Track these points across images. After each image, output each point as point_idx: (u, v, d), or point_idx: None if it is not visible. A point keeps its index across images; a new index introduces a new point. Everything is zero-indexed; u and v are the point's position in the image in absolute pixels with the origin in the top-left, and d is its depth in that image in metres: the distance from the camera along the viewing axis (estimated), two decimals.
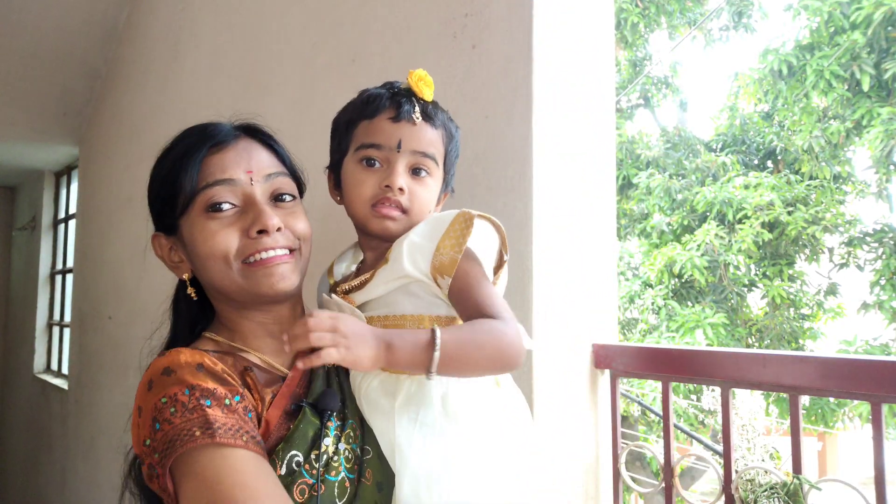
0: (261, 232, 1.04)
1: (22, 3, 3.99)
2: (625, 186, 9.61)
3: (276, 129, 1.20)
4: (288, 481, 0.94)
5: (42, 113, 4.88)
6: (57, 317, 6.05)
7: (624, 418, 8.21)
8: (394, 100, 1.11)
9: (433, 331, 0.95)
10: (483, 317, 1.01)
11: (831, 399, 7.45)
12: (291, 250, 1.09)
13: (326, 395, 1.04)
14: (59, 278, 6.09)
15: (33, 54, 4.34)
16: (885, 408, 1.18)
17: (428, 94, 1.12)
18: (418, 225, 1.08)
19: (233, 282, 1.06)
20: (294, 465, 0.96)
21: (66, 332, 5.63)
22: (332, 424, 1.02)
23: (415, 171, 1.11)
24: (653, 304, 8.31)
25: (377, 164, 1.10)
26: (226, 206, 1.05)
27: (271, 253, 1.05)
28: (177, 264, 1.13)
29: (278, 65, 2.41)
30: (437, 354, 0.93)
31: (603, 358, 1.54)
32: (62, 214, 6.13)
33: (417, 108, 1.10)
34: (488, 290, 1.04)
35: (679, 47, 10.94)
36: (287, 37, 2.38)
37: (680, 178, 9.23)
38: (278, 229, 1.06)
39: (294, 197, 1.13)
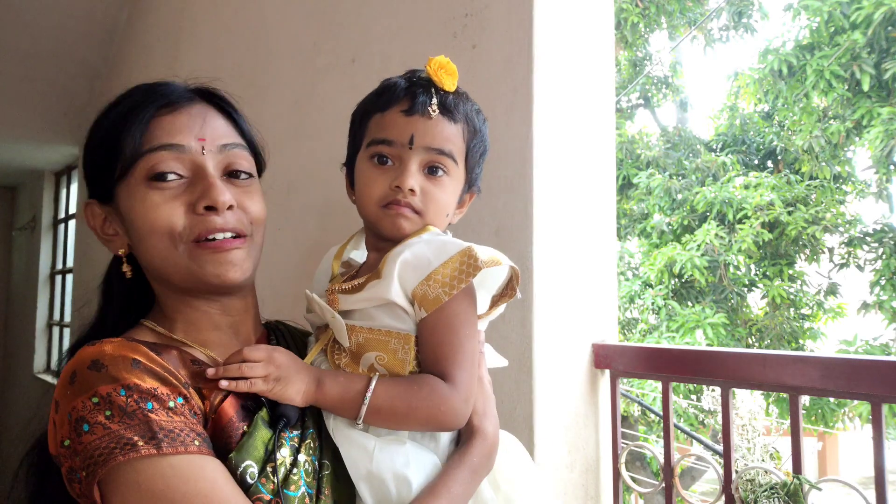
0: (209, 209, 0.91)
1: (22, 3, 3.99)
2: (625, 186, 9.61)
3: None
4: None
5: (42, 113, 4.89)
6: (57, 317, 6.06)
7: (624, 418, 8.21)
8: (409, 90, 1.01)
9: (369, 380, 0.93)
10: (435, 371, 0.94)
11: (831, 399, 7.45)
12: (243, 236, 0.96)
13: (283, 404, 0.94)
14: (59, 278, 6.09)
15: (33, 54, 4.34)
16: (885, 408, 1.18)
17: (449, 83, 1.02)
18: (420, 243, 0.98)
19: (177, 264, 0.92)
20: (248, 477, 0.85)
21: (66, 332, 5.63)
22: (288, 435, 0.91)
23: (430, 170, 1.01)
24: (653, 304, 8.31)
25: (389, 162, 1.01)
26: (171, 177, 0.92)
27: (220, 235, 0.92)
28: (110, 237, 0.99)
29: (278, 65, 2.41)
30: (364, 407, 0.92)
31: (603, 358, 1.54)
32: (62, 214, 6.14)
33: (435, 100, 1.00)
34: (459, 341, 0.95)
35: (679, 47, 10.94)
36: (287, 37, 2.38)
37: (680, 178, 9.23)
38: (229, 208, 0.93)
39: (251, 175, 0.99)
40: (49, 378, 5.70)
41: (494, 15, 1.54)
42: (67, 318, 5.63)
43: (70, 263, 5.58)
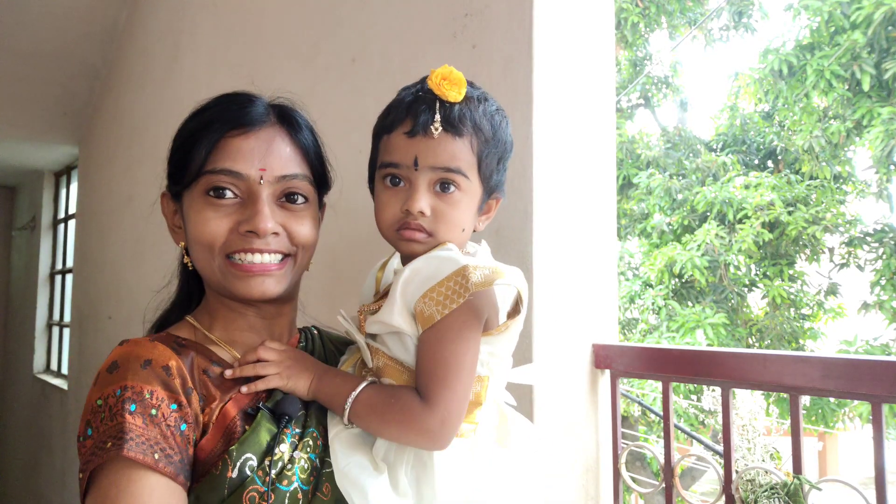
0: (250, 232, 0.99)
1: (22, 3, 3.99)
2: (625, 186, 9.61)
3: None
4: (238, 485, 0.89)
5: (42, 113, 4.89)
6: (57, 317, 6.06)
7: (624, 418, 8.21)
8: (411, 109, 0.99)
9: (357, 384, 0.98)
10: (419, 386, 0.95)
11: (832, 399, 7.45)
12: (286, 256, 1.03)
13: (285, 400, 0.99)
14: (59, 278, 6.09)
15: (33, 54, 4.34)
16: (885, 408, 1.18)
17: (454, 94, 0.98)
18: (421, 259, 0.99)
19: (212, 273, 1.02)
20: (248, 469, 0.90)
21: (66, 332, 5.63)
22: (290, 431, 0.97)
23: (442, 186, 1.00)
24: (653, 304, 8.31)
25: (401, 183, 1.01)
26: (228, 194, 1.00)
27: (258, 258, 1.00)
28: (175, 229, 1.09)
29: (278, 65, 2.41)
30: (347, 409, 0.97)
31: (603, 358, 1.54)
32: (62, 214, 6.14)
33: (438, 117, 0.97)
34: (445, 358, 0.93)
35: (679, 47, 10.94)
36: (287, 37, 2.38)
37: (680, 177, 9.23)
38: (274, 234, 1.01)
39: (307, 200, 1.06)
40: (49, 378, 5.70)
41: (494, 15, 1.54)
42: (67, 318, 5.63)
43: (70, 263, 5.58)
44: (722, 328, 7.71)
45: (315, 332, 1.22)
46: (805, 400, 6.74)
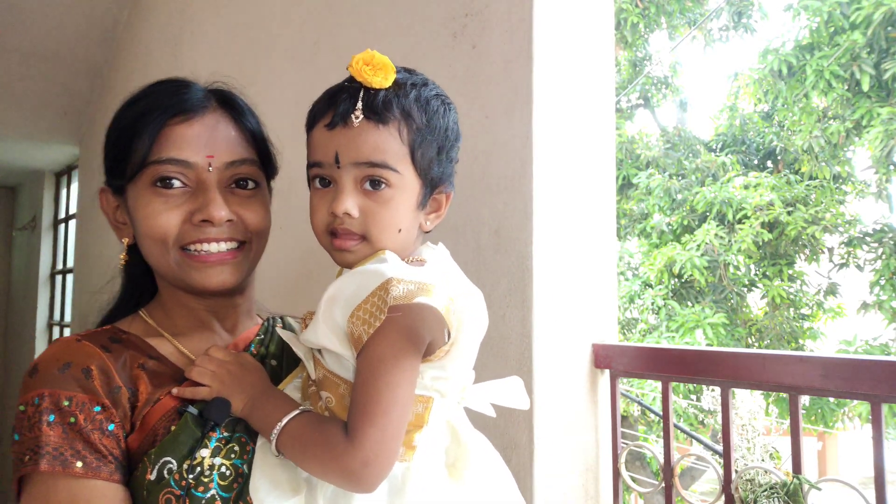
0: (204, 221, 0.95)
1: (22, 2, 3.99)
2: (625, 186, 9.61)
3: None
4: (156, 488, 0.87)
5: (42, 112, 4.88)
6: (57, 317, 6.05)
7: (624, 418, 8.21)
8: (332, 99, 0.90)
9: (287, 413, 0.89)
10: (350, 420, 0.84)
11: (831, 399, 7.45)
12: (241, 243, 1.00)
13: (213, 404, 0.92)
14: (59, 278, 6.09)
15: (33, 53, 4.34)
16: (884, 408, 1.18)
17: (378, 80, 0.88)
18: (348, 273, 0.90)
19: (168, 266, 0.98)
20: (165, 472, 0.87)
21: (66, 332, 5.63)
22: (215, 436, 0.91)
23: (372, 184, 0.89)
24: (653, 304, 8.31)
25: (330, 184, 0.91)
26: (176, 183, 0.96)
27: (213, 247, 0.97)
28: (120, 226, 1.05)
29: (278, 65, 2.41)
30: (273, 439, 0.88)
31: (603, 358, 1.54)
32: (62, 214, 6.13)
33: (359, 105, 0.87)
34: (377, 390, 0.83)
35: (679, 47, 10.95)
36: (287, 37, 2.38)
37: (680, 178, 9.23)
38: (229, 221, 0.97)
39: (257, 184, 1.03)
40: None
41: (494, 15, 1.54)
42: (67, 318, 5.63)
43: (70, 263, 5.58)
44: (721, 328, 7.71)
45: (280, 324, 1.15)
46: (804, 400, 6.75)
